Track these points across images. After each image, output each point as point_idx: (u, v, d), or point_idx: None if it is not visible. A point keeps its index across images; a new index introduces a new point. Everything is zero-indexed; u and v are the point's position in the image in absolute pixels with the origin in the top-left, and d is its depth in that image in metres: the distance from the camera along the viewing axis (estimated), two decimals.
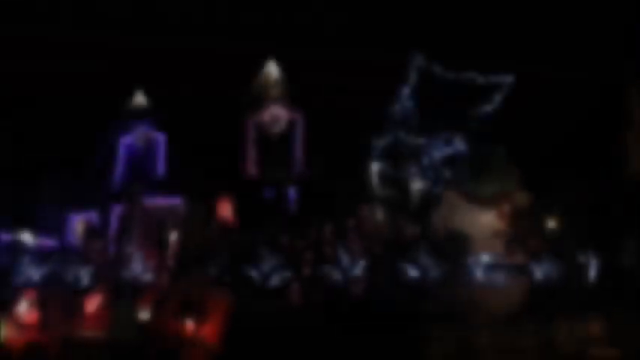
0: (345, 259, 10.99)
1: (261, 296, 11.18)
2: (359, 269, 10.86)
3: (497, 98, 14.53)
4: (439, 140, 14.48)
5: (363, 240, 11.16)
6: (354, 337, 9.92)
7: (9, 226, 19.49)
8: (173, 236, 13.00)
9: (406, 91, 14.97)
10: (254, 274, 11.53)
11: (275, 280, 11.41)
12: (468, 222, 9.91)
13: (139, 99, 21.24)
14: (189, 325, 9.65)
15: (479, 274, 9.69)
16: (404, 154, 14.92)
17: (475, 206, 9.73)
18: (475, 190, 9.60)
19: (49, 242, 19.18)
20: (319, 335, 10.13)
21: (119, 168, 20.44)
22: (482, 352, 9.43)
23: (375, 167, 15.77)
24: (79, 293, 11.49)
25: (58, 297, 11.27)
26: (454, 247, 9.73)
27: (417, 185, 14.71)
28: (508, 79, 14.69)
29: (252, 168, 18.52)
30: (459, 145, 14.11)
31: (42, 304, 10.95)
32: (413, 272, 10.54)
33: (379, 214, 12.95)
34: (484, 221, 9.94)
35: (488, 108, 14.46)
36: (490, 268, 9.77)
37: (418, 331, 9.51)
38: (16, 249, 14.81)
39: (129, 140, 20.63)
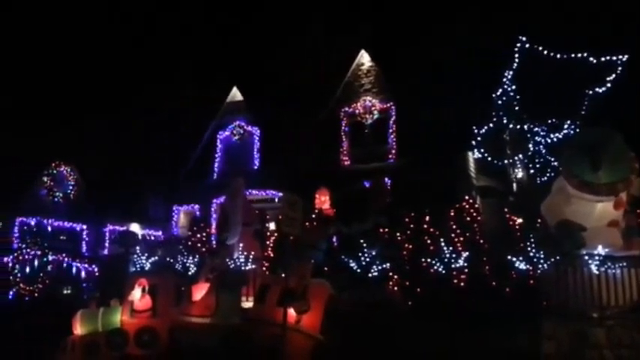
0: (446, 250, 10.67)
1: (361, 287, 11.13)
2: (462, 261, 10.51)
3: (611, 79, 13.45)
4: (545, 126, 13.67)
5: (465, 231, 10.75)
6: (457, 331, 9.61)
7: (120, 219, 20.91)
8: (272, 227, 13.29)
9: (509, 75, 14.24)
10: (353, 264, 11.52)
11: (374, 271, 11.32)
12: (582, 212, 9.22)
13: (235, 95, 21.96)
14: (291, 313, 9.76)
15: (594, 266, 9.05)
16: (507, 141, 14.25)
17: (590, 195, 9.03)
18: (590, 177, 8.89)
19: (156, 233, 20.36)
20: (419, 328, 9.92)
21: (217, 162, 21.26)
22: (599, 349, 8.81)
23: (474, 156, 15.21)
24: (187, 281, 11.95)
25: (168, 284, 11.76)
26: (567, 239, 9.12)
27: (520, 174, 14.04)
28: (622, 57, 13.51)
29: (345, 159, 18.56)
30: (569, 130, 13.23)
31: (153, 291, 11.43)
32: (521, 265, 10.06)
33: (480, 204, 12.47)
34: (600, 211, 9.19)
35: (600, 89, 13.43)
36: (606, 260, 9.08)
37: (528, 327, 9.05)
38: (128, 240, 15.78)
39: (225, 135, 21.39)
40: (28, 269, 15.87)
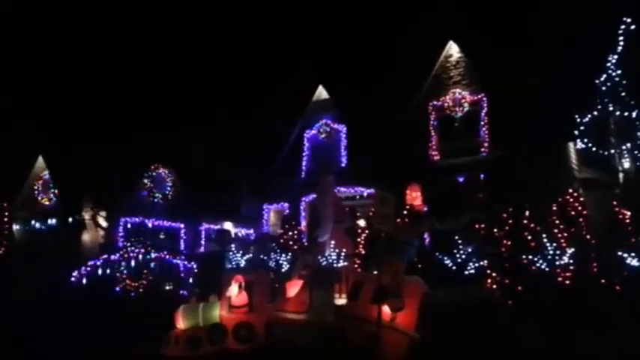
0: (549, 246, 10.11)
1: (457, 284, 10.80)
2: (566, 258, 9.92)
3: None
4: None
5: (569, 226, 10.13)
6: (562, 332, 9.08)
7: (214, 218, 21.71)
8: (362, 224, 13.22)
9: (614, 60, 13.27)
10: (448, 262, 11.21)
11: (471, 269, 10.96)
12: None
13: (321, 93, 22.09)
14: (386, 310, 9.63)
15: None
16: (612, 130, 13.31)
17: None
18: None
19: (248, 231, 20.94)
20: (520, 328, 9.47)
21: (305, 160, 21.49)
22: None
23: (575, 146, 14.34)
24: (281, 278, 12.13)
25: (263, 281, 11.99)
26: None
27: (627, 164, 13.06)
28: None
29: (435, 154, 18.12)
30: None
31: (249, 288, 11.67)
32: (633, 261, 9.35)
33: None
34: None
35: None
36: None
37: None
38: (224, 238, 16.29)
39: (312, 134, 21.57)
40: (133, 266, 16.73)
